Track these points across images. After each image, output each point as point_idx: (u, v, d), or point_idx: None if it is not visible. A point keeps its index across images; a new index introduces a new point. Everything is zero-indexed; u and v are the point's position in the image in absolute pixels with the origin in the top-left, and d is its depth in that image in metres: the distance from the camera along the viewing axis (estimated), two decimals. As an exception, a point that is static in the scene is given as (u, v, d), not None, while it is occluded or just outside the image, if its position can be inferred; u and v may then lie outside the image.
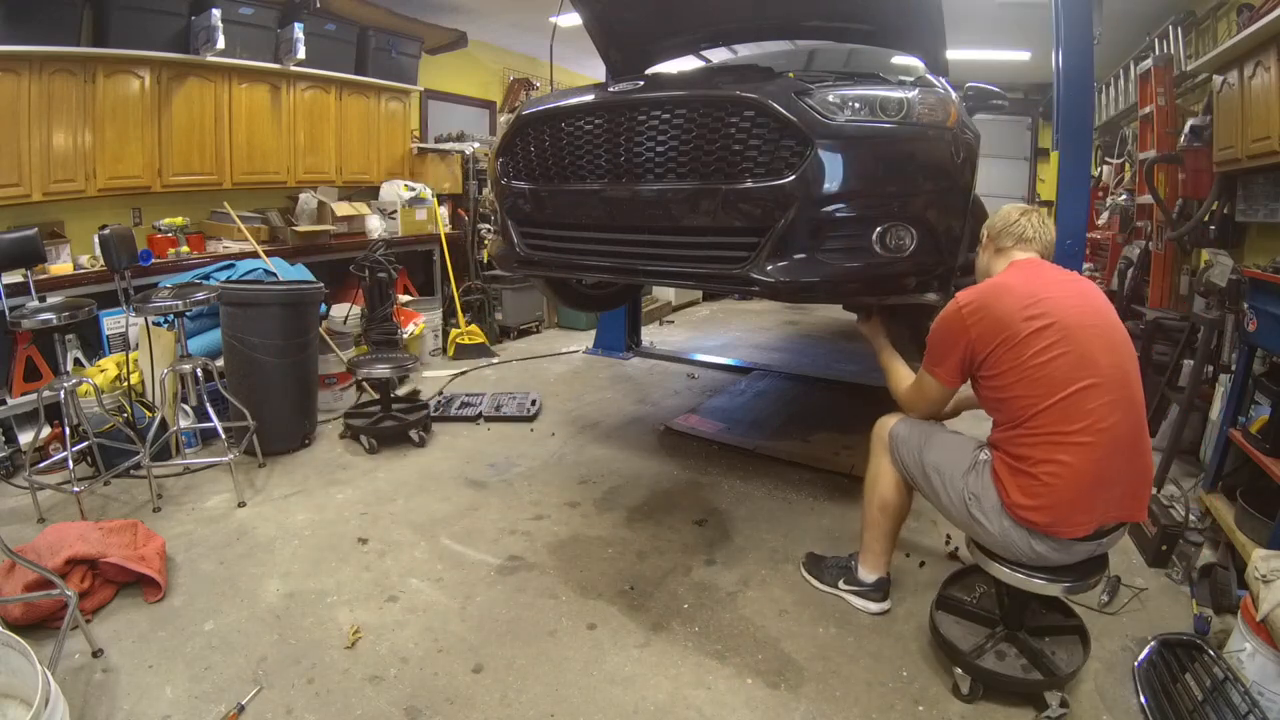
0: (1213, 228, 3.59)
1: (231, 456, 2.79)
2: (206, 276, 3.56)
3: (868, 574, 2.10)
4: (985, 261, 1.89)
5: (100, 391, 2.93)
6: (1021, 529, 1.63)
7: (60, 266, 3.44)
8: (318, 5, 4.58)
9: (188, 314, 2.88)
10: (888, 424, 2.02)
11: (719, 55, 3.83)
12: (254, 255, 3.97)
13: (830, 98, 1.97)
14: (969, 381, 1.78)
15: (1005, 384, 1.63)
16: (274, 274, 3.73)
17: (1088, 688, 1.80)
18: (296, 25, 4.29)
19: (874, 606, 2.09)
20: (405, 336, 4.46)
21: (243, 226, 4.12)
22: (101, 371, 3.15)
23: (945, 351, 1.74)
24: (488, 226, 5.33)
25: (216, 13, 3.81)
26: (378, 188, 5.24)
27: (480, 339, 5.14)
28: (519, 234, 2.58)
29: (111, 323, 3.46)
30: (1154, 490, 2.87)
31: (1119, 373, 1.59)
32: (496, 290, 5.52)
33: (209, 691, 1.73)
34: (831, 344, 5.87)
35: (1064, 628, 1.90)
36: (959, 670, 1.77)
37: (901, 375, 2.05)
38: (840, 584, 2.16)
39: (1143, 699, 1.73)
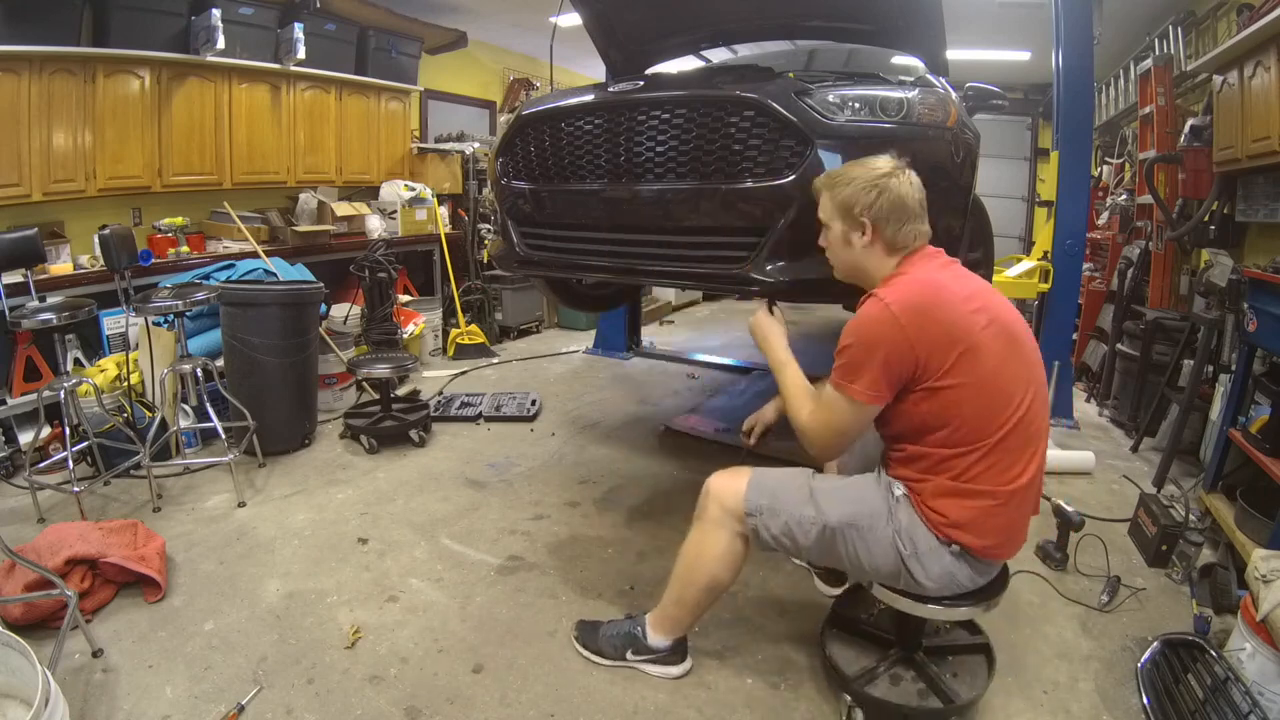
0: (1213, 228, 3.59)
1: (231, 456, 2.79)
2: (206, 276, 3.56)
3: (663, 639, 1.79)
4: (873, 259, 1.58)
5: (100, 391, 2.93)
6: (963, 561, 1.43)
7: (60, 266, 3.44)
8: (318, 5, 4.58)
9: (188, 314, 2.88)
10: (732, 489, 1.58)
11: (719, 55, 3.82)
12: (254, 255, 3.97)
13: (830, 98, 1.96)
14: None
15: (960, 398, 1.38)
16: (274, 274, 3.73)
17: (1087, 688, 1.79)
18: (296, 25, 4.29)
19: (676, 670, 1.80)
20: (405, 336, 4.46)
21: (243, 226, 4.12)
22: (101, 371, 3.15)
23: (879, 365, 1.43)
24: (488, 226, 5.33)
25: (216, 13, 3.81)
26: (378, 188, 5.24)
27: (480, 339, 5.14)
28: (519, 234, 2.58)
29: (111, 323, 3.46)
30: (1154, 490, 2.88)
31: (1039, 364, 1.48)
32: (496, 290, 5.53)
33: (209, 691, 1.73)
34: (831, 344, 5.80)
35: (969, 646, 1.75)
36: (847, 697, 1.60)
37: (805, 398, 1.63)
38: (629, 655, 1.81)
39: (1145, 700, 1.72)
